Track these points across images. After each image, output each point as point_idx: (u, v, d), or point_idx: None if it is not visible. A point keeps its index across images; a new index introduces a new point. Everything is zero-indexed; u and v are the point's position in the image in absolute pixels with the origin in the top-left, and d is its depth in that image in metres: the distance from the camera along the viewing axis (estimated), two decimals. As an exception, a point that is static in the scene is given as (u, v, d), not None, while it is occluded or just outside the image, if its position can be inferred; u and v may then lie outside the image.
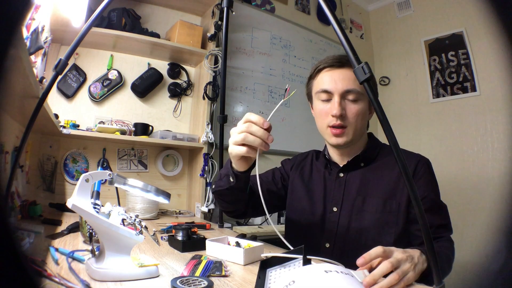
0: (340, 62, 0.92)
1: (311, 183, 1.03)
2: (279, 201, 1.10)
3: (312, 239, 0.94)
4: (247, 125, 0.70)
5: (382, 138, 0.55)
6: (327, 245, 0.92)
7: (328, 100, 0.91)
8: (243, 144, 0.71)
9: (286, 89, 0.70)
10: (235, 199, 0.93)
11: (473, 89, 2.38)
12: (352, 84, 0.89)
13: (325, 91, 0.91)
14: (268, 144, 0.70)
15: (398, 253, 0.62)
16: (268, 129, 0.69)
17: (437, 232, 0.84)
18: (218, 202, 1.01)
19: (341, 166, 0.97)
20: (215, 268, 0.66)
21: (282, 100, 0.71)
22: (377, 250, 0.61)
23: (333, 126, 0.90)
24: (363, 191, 0.91)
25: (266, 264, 0.64)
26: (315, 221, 0.95)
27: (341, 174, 0.96)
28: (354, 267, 0.61)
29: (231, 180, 0.84)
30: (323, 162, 1.04)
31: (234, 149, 0.73)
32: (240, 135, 0.70)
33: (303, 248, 0.60)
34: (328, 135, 0.92)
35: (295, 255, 0.61)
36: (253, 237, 1.05)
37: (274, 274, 0.61)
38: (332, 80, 0.91)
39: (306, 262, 0.58)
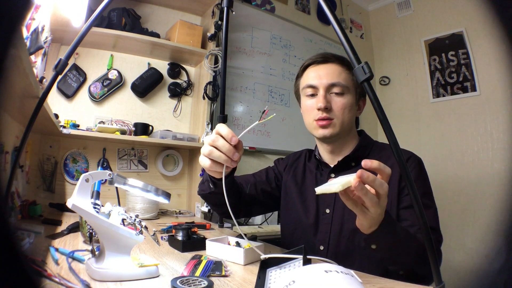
0: (324, 58, 0.95)
1: (304, 185, 1.02)
2: (274, 202, 1.09)
3: (307, 242, 0.93)
4: (214, 138, 0.67)
5: (382, 138, 0.55)
6: (322, 247, 0.91)
7: (314, 95, 0.93)
8: (209, 158, 0.68)
9: (264, 111, 0.66)
10: (221, 203, 0.87)
11: (473, 89, 2.38)
12: (336, 77, 0.91)
13: (311, 86, 0.93)
14: (234, 161, 0.67)
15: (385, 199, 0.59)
16: (236, 146, 0.66)
17: (420, 232, 0.79)
18: (206, 203, 1.00)
19: (331, 166, 0.97)
20: (215, 268, 0.66)
21: (257, 122, 0.67)
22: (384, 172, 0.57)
23: (319, 119, 0.90)
24: None
25: (266, 264, 0.64)
26: (309, 223, 0.95)
27: (332, 175, 0.96)
28: (349, 268, 0.61)
29: (211, 186, 0.83)
30: (315, 163, 1.03)
31: (201, 161, 0.70)
32: (207, 147, 0.67)
33: (303, 248, 0.60)
34: (315, 128, 0.93)
35: (295, 255, 0.61)
36: (253, 237, 1.06)
37: (274, 274, 0.61)
38: (317, 75, 0.93)
39: (306, 262, 0.58)
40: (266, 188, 1.07)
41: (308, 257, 0.60)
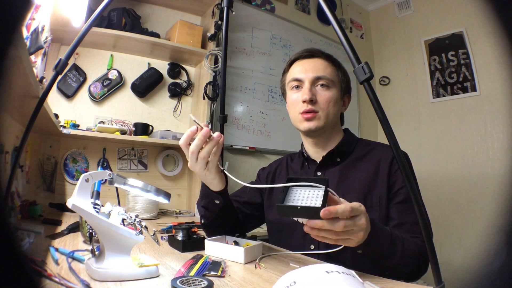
0: (310, 52, 0.96)
1: None
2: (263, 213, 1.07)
3: (296, 242, 0.92)
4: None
5: (382, 138, 0.55)
6: (312, 247, 0.90)
7: (299, 88, 0.94)
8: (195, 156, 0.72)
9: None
10: (226, 218, 0.91)
11: (473, 89, 2.38)
12: (322, 71, 0.92)
13: (296, 79, 0.94)
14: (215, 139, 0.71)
15: (364, 217, 0.60)
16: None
17: (412, 230, 0.80)
18: (209, 234, 0.91)
19: (318, 163, 0.96)
20: (212, 267, 0.66)
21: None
22: (345, 208, 0.56)
23: (304, 112, 0.90)
24: (342, 188, 0.89)
25: (292, 181, 0.64)
26: (297, 223, 0.94)
27: (319, 173, 0.95)
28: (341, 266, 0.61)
29: (217, 202, 0.84)
30: (299, 163, 1.03)
31: (191, 166, 0.74)
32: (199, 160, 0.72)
33: (326, 180, 0.59)
34: (300, 121, 0.93)
35: (318, 184, 0.60)
36: (253, 237, 1.05)
37: (299, 192, 0.62)
38: (303, 68, 0.94)
39: (326, 193, 0.57)
40: (256, 200, 1.05)
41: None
